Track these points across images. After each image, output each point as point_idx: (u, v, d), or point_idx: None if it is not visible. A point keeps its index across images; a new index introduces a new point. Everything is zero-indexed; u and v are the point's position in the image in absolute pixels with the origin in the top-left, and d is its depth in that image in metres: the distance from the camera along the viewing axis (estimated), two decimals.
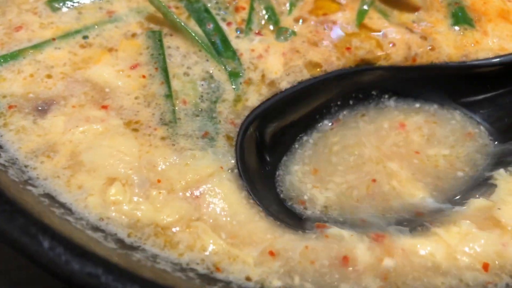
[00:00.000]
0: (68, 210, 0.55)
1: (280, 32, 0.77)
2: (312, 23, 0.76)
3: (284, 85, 0.70)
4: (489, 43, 0.74)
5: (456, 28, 0.76)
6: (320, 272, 0.55)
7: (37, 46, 0.71)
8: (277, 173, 0.66)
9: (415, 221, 0.64)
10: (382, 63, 0.74)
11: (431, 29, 0.75)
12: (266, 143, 0.69)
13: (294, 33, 0.77)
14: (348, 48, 0.73)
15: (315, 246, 0.56)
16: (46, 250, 0.45)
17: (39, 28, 0.73)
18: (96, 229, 0.53)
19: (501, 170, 0.69)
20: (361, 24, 0.76)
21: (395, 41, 0.74)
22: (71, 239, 0.47)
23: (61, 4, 0.76)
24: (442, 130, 0.76)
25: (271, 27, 0.77)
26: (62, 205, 0.55)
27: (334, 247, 0.56)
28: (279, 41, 0.76)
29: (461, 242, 0.58)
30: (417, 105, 0.77)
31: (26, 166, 0.60)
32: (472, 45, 0.74)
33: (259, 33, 0.76)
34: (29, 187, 0.58)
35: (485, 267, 0.57)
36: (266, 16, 0.78)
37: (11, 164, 0.60)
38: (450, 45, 0.73)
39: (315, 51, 0.73)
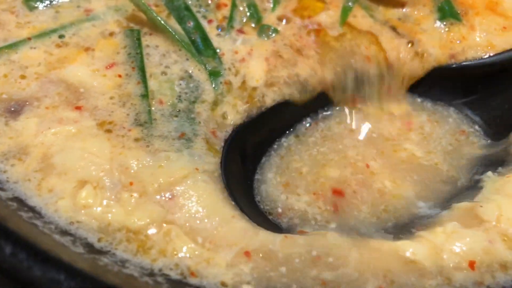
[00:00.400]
0: (37, 213, 0.54)
1: (263, 29, 0.76)
2: (297, 25, 0.75)
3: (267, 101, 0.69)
4: (476, 38, 0.73)
5: (442, 25, 0.74)
6: (298, 268, 0.54)
7: (12, 46, 0.69)
8: (254, 184, 0.65)
9: (402, 228, 0.63)
10: None
11: (417, 28, 0.73)
12: (248, 152, 0.68)
13: (276, 31, 0.75)
14: None
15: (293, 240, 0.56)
16: (8, 255, 0.44)
17: (16, 28, 0.72)
18: (64, 233, 0.52)
19: (489, 173, 0.68)
20: (345, 23, 0.74)
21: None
22: (36, 244, 0.46)
23: (38, 3, 0.75)
24: (437, 130, 0.75)
25: (253, 25, 0.76)
26: (31, 209, 0.54)
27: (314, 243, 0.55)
28: (261, 39, 0.74)
29: (447, 241, 0.57)
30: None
31: None
32: (459, 41, 0.72)
33: (240, 31, 0.75)
34: None
35: (471, 265, 0.56)
36: (248, 13, 0.77)
37: None
38: (436, 45, 0.72)
39: (301, 62, 0.71)
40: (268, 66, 0.71)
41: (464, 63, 0.73)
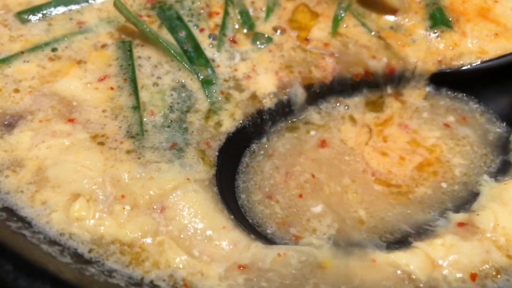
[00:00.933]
0: (27, 224, 0.55)
1: (256, 37, 0.77)
2: (292, 37, 0.76)
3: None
4: (468, 44, 0.73)
5: (432, 33, 0.75)
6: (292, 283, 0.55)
7: (5, 60, 0.71)
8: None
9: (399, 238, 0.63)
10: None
11: (407, 39, 0.75)
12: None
13: (270, 39, 0.76)
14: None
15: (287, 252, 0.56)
16: None
17: (8, 41, 0.74)
18: (53, 243, 0.53)
19: (486, 177, 0.68)
20: (336, 33, 0.75)
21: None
22: (22, 256, 0.47)
23: (30, 16, 0.76)
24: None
25: (245, 31, 0.76)
26: (21, 219, 0.55)
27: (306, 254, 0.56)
28: (255, 46, 0.76)
29: (446, 255, 0.57)
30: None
31: None
32: (451, 48, 0.73)
33: (233, 40, 0.76)
34: None
35: (473, 277, 0.56)
36: (240, 21, 0.78)
37: None
38: (421, 57, 0.73)
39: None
40: (278, 79, 0.72)
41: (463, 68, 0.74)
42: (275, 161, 0.69)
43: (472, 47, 0.74)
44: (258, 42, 0.76)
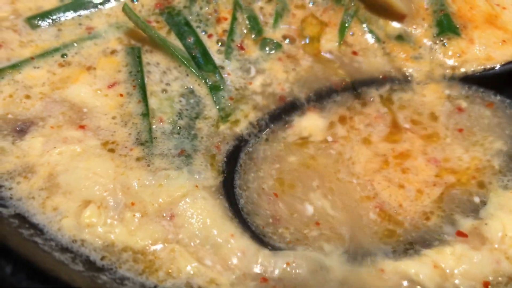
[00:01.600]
0: (39, 231, 0.57)
1: (265, 43, 0.78)
2: (300, 46, 0.77)
3: None
4: (476, 52, 0.75)
5: (439, 40, 0.76)
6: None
7: (16, 66, 0.73)
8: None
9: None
10: None
11: (415, 53, 0.76)
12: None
13: (279, 45, 0.78)
14: None
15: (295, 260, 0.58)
16: (8, 275, 0.47)
17: (19, 47, 0.76)
18: (65, 250, 0.55)
19: (494, 183, 0.68)
20: (343, 42, 0.77)
21: None
22: (35, 264, 0.49)
23: (40, 22, 0.78)
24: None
25: (253, 36, 0.78)
26: (33, 226, 0.57)
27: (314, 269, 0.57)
28: (263, 52, 0.77)
29: (457, 265, 0.59)
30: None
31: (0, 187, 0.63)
32: (458, 55, 0.74)
33: (241, 46, 0.77)
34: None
35: (486, 286, 0.58)
36: (248, 26, 0.79)
37: None
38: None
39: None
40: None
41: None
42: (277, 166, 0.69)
43: (479, 54, 0.75)
44: (267, 48, 0.78)
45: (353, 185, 0.67)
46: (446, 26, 0.76)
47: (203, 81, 0.72)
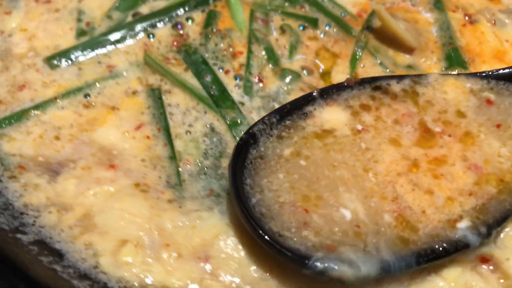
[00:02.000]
0: (57, 257, 0.60)
1: (284, 73, 0.81)
2: (318, 77, 0.79)
3: None
4: None
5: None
6: None
7: (39, 107, 0.75)
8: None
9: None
10: None
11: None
12: None
13: (298, 75, 0.80)
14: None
15: None
16: None
17: (42, 87, 0.78)
18: (83, 277, 0.59)
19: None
20: (354, 73, 0.80)
21: None
22: None
23: (59, 62, 0.80)
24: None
25: (271, 66, 0.80)
26: (53, 252, 0.60)
27: None
28: (283, 82, 0.79)
29: None
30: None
31: (21, 214, 0.65)
32: None
33: (259, 79, 0.79)
34: (19, 235, 0.64)
35: None
36: (265, 57, 0.82)
37: (3, 210, 0.66)
38: None
39: None
40: None
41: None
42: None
43: None
44: (287, 78, 0.79)
45: (371, 183, 0.65)
46: (455, 60, 0.80)
47: (223, 118, 0.74)
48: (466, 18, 0.87)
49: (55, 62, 0.80)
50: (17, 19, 0.88)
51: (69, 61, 0.81)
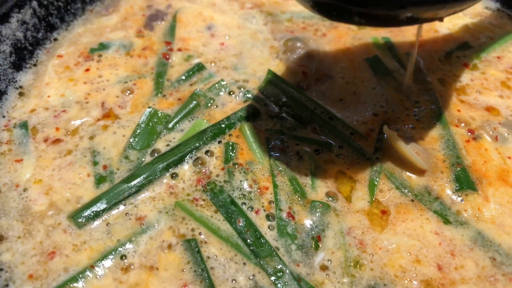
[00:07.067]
0: None
1: (314, 206, 0.84)
2: (342, 201, 0.84)
3: None
4: (492, 211, 0.83)
5: (457, 196, 0.85)
6: None
7: (76, 279, 0.74)
8: None
9: None
10: None
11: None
12: None
13: (328, 206, 0.84)
14: None
15: None
16: None
17: (73, 252, 0.78)
18: None
19: None
20: (374, 200, 0.85)
21: None
22: None
23: (85, 219, 0.80)
24: None
25: (300, 201, 0.84)
26: None
27: None
28: (314, 216, 0.82)
29: None
30: None
31: None
32: (476, 216, 0.83)
33: (290, 215, 0.82)
34: None
35: None
36: (292, 189, 0.85)
37: None
38: None
39: None
40: None
41: None
42: None
43: (495, 214, 0.83)
44: (317, 212, 0.82)
45: None
46: (464, 183, 0.86)
47: (263, 269, 0.76)
48: (469, 133, 0.94)
49: (80, 220, 0.80)
50: (29, 168, 0.88)
51: (95, 217, 0.80)
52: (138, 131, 0.93)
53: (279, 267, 0.77)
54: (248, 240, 0.80)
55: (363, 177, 0.89)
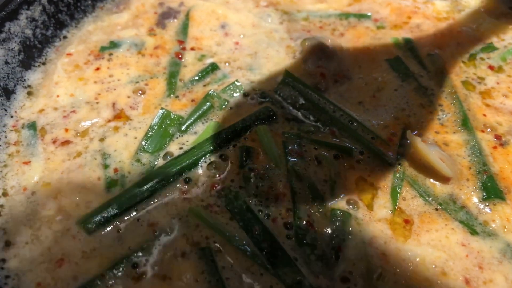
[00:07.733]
0: None
1: (335, 214, 0.80)
2: (363, 209, 0.80)
3: None
4: None
5: (485, 205, 0.82)
6: None
7: (86, 287, 0.71)
8: None
9: None
10: None
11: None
12: None
13: (349, 214, 0.80)
14: None
15: None
16: None
17: (82, 259, 0.75)
18: None
19: None
20: (396, 209, 0.81)
21: None
22: None
23: (95, 225, 0.77)
24: None
25: (320, 209, 0.80)
26: None
27: None
28: (334, 226, 0.77)
29: None
30: None
31: None
32: (505, 227, 0.80)
33: (310, 224, 0.78)
34: None
35: None
36: (310, 196, 0.81)
37: None
38: None
39: None
40: None
41: None
42: None
43: None
44: (338, 222, 0.78)
45: None
46: (492, 191, 0.82)
47: (281, 281, 0.72)
48: (496, 139, 0.90)
49: (90, 225, 0.76)
50: (37, 170, 0.84)
51: (106, 223, 0.77)
52: (150, 133, 0.90)
53: (297, 278, 0.74)
54: (265, 250, 0.76)
55: (385, 184, 0.85)
